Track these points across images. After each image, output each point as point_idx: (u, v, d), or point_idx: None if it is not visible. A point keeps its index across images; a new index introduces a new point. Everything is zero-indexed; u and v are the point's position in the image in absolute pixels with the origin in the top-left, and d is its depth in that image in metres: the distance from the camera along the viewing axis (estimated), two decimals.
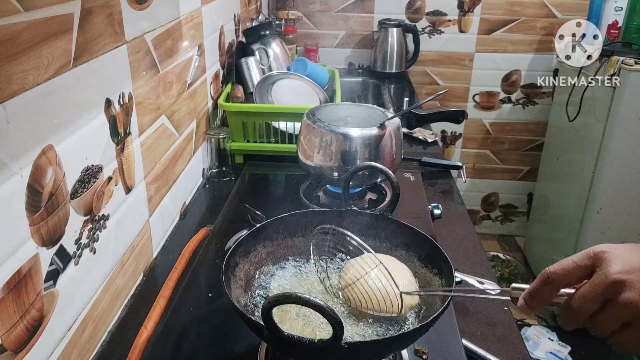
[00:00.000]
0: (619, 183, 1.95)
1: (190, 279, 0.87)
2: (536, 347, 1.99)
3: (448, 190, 1.29)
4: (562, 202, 2.28)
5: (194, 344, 0.73)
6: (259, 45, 1.59)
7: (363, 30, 2.48)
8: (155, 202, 0.99)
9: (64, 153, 0.65)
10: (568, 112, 2.14)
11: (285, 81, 1.42)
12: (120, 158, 0.82)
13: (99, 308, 0.77)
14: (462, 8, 2.42)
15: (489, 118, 2.63)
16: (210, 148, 1.32)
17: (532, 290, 0.50)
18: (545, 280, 0.48)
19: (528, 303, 0.50)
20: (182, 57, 1.11)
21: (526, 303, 0.50)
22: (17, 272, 0.57)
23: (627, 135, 1.88)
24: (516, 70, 2.52)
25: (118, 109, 0.80)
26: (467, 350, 0.76)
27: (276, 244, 0.75)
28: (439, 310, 0.57)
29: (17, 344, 0.57)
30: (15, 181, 0.56)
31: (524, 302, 0.50)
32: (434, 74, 2.55)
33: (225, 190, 1.25)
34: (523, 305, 0.50)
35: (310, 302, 0.48)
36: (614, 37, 2.08)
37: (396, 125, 1.06)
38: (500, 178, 2.75)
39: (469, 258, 1.01)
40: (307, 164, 1.07)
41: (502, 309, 0.87)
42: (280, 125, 1.34)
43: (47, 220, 0.62)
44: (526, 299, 0.50)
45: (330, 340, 0.50)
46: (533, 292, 0.50)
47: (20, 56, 0.55)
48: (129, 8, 0.83)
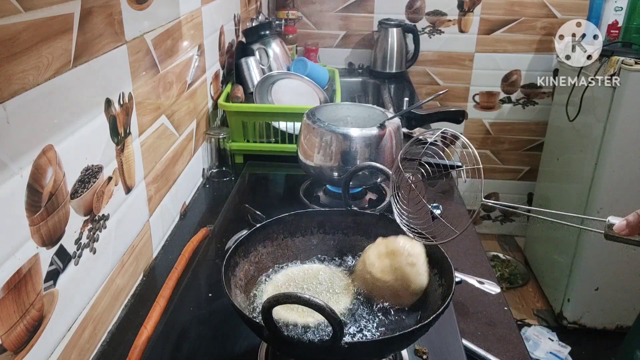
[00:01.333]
0: (619, 183, 1.95)
1: (190, 279, 0.87)
2: (536, 347, 1.99)
3: (448, 190, 1.29)
4: (562, 202, 2.28)
5: (194, 344, 0.73)
6: (259, 45, 1.59)
7: (363, 30, 2.48)
8: (155, 202, 0.99)
9: (64, 153, 0.65)
10: (568, 112, 2.14)
11: (285, 81, 1.42)
12: (120, 158, 0.82)
13: (99, 308, 0.77)
14: (462, 8, 2.42)
15: (489, 118, 2.63)
16: (210, 148, 1.32)
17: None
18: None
19: (632, 223, 0.50)
20: (182, 57, 1.11)
21: (628, 223, 0.51)
22: (17, 272, 0.57)
23: (627, 135, 1.88)
24: (516, 70, 2.52)
25: (118, 109, 0.80)
26: (467, 350, 0.76)
27: (276, 244, 0.75)
28: (439, 310, 0.57)
29: (17, 344, 0.57)
30: (15, 181, 0.56)
31: (625, 222, 0.51)
32: (434, 74, 2.55)
33: (225, 190, 1.25)
34: (623, 226, 0.51)
35: (310, 302, 0.48)
36: (614, 37, 2.08)
37: (396, 125, 1.06)
38: (500, 178, 2.75)
39: (469, 258, 1.01)
40: (307, 164, 1.07)
41: (502, 309, 0.87)
42: (280, 125, 1.34)
43: (47, 220, 0.62)
44: (631, 220, 0.50)
45: (330, 340, 0.50)
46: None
47: (20, 56, 0.55)
48: (129, 8, 0.83)
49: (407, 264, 0.65)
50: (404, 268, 0.65)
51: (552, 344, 2.00)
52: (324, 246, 0.77)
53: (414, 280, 0.65)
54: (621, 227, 0.51)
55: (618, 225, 0.51)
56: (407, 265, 0.65)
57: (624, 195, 1.96)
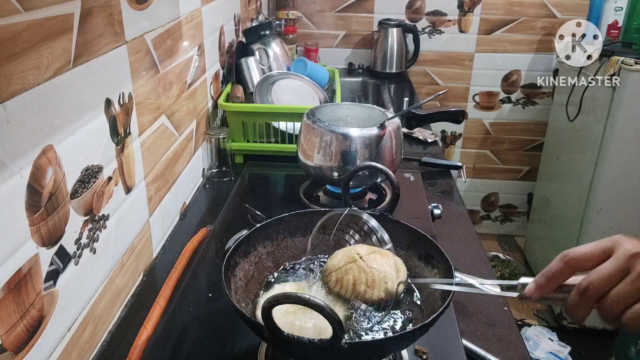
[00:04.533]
0: (619, 183, 1.95)
1: (190, 279, 0.87)
2: (536, 347, 1.99)
3: (448, 190, 1.29)
4: (562, 202, 2.28)
5: (194, 344, 0.73)
6: (259, 45, 1.59)
7: (363, 30, 2.48)
8: (155, 202, 0.99)
9: (64, 153, 0.65)
10: (568, 112, 2.14)
11: (285, 81, 1.42)
12: (120, 158, 0.82)
13: (99, 308, 0.77)
14: (462, 8, 2.42)
15: (489, 118, 2.63)
16: (210, 148, 1.32)
17: (548, 271, 0.49)
18: (565, 261, 0.48)
19: (540, 284, 0.49)
20: (182, 57, 1.11)
21: (537, 285, 0.49)
22: (17, 272, 0.57)
23: (627, 135, 1.88)
24: (516, 70, 2.52)
25: (118, 109, 0.80)
26: (467, 350, 0.76)
27: (276, 244, 0.75)
28: (439, 310, 0.57)
29: (17, 344, 0.57)
30: (15, 181, 0.56)
31: (534, 285, 0.49)
32: (434, 74, 2.55)
33: (225, 190, 1.25)
34: (532, 289, 0.49)
35: (310, 302, 0.48)
36: (614, 37, 2.08)
37: (396, 125, 1.06)
38: (500, 178, 2.75)
39: (469, 258, 1.01)
40: (307, 164, 1.07)
41: (502, 309, 0.87)
42: (280, 125, 1.34)
43: (47, 220, 0.62)
44: (539, 281, 0.49)
45: (330, 340, 0.50)
46: (549, 273, 0.48)
47: (20, 56, 0.55)
48: (129, 8, 0.83)
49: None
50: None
51: (552, 344, 2.00)
52: (324, 246, 0.77)
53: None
54: (531, 290, 0.50)
55: (528, 289, 0.50)
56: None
57: (624, 195, 1.96)
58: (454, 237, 1.07)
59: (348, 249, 0.70)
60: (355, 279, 0.65)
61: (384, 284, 0.65)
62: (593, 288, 0.46)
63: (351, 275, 0.66)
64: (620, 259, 0.46)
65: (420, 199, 1.13)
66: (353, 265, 0.66)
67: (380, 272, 0.65)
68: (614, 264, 0.46)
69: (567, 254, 0.48)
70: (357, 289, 0.65)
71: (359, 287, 0.65)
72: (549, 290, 0.49)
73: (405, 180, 1.21)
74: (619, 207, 1.99)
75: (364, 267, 0.65)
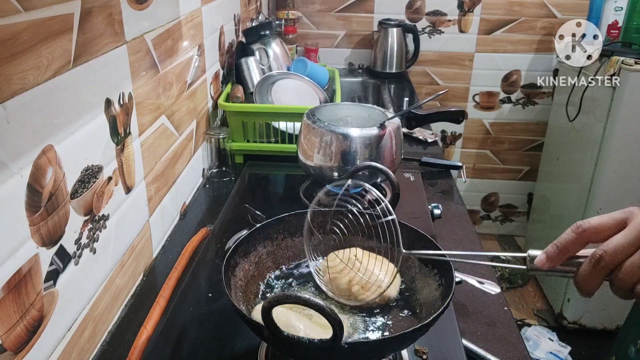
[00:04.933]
0: (619, 183, 1.95)
1: (190, 279, 0.87)
2: (536, 347, 1.99)
3: (448, 190, 1.29)
4: (562, 202, 2.28)
5: (194, 344, 0.73)
6: (259, 45, 1.59)
7: (363, 30, 2.48)
8: (155, 202, 0.99)
9: (64, 153, 0.65)
10: (568, 112, 2.14)
11: (285, 81, 1.42)
12: (120, 158, 0.82)
13: (99, 308, 0.77)
14: (462, 8, 2.42)
15: (489, 118, 2.63)
16: (210, 148, 1.32)
17: (560, 242, 0.48)
18: (578, 232, 0.47)
19: (552, 255, 0.48)
20: (182, 57, 1.11)
21: (548, 256, 0.49)
22: (17, 272, 0.57)
23: (627, 135, 1.88)
24: (516, 70, 2.52)
25: (118, 109, 0.80)
26: (467, 350, 0.76)
27: (276, 244, 0.75)
28: (439, 310, 0.57)
29: (17, 344, 0.57)
30: (15, 181, 0.56)
31: (545, 256, 0.49)
32: (434, 74, 2.55)
33: (225, 190, 1.25)
34: (543, 260, 0.49)
35: (310, 302, 0.48)
36: (614, 37, 2.08)
37: (396, 125, 1.06)
38: (500, 178, 2.75)
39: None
40: (307, 164, 1.07)
41: (502, 309, 0.87)
42: (280, 125, 1.34)
43: (47, 220, 0.62)
44: (550, 252, 0.48)
45: (330, 340, 0.50)
46: (561, 244, 0.48)
47: (20, 56, 0.55)
48: (129, 8, 0.83)
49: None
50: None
51: (552, 344, 2.00)
52: (324, 246, 0.77)
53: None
54: (541, 261, 0.49)
55: (538, 260, 0.49)
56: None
57: (624, 195, 1.96)
58: (454, 237, 1.07)
59: (345, 251, 0.70)
60: (350, 279, 0.66)
61: (377, 288, 0.66)
62: (608, 258, 0.45)
63: (347, 276, 0.67)
64: (635, 229, 0.45)
65: (420, 199, 1.13)
66: (350, 266, 0.67)
67: (375, 274, 0.66)
68: (629, 235, 0.45)
69: (580, 225, 0.47)
70: (352, 289, 0.66)
71: (354, 287, 0.66)
72: (559, 262, 0.49)
73: (405, 180, 1.21)
74: (619, 207, 1.95)
75: (359, 269, 0.66)
